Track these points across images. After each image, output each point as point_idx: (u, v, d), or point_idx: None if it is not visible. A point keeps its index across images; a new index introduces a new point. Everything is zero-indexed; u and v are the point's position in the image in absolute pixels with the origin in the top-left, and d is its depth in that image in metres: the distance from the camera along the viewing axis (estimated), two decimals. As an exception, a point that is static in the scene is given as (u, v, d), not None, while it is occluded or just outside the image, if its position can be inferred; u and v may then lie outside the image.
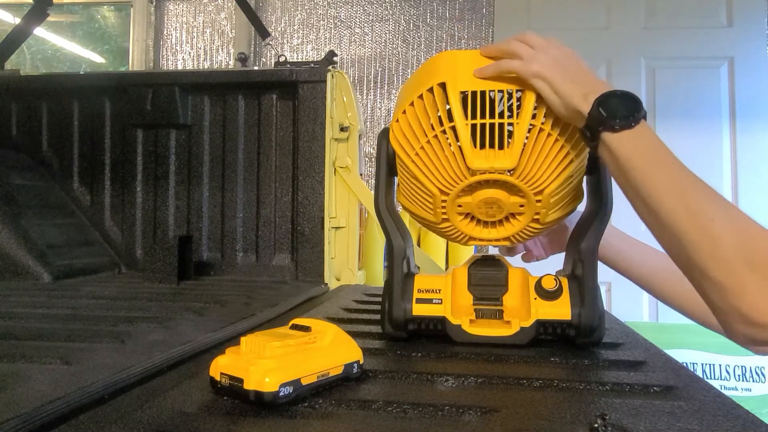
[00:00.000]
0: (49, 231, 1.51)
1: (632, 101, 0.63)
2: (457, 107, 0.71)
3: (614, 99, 0.63)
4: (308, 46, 2.98)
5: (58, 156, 1.71)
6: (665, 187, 0.58)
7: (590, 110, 0.63)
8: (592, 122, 0.63)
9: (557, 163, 0.71)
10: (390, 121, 0.81)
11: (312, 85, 1.54)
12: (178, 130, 1.67)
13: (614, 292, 2.55)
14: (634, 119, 0.61)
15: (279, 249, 1.61)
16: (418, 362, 0.69)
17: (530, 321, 0.75)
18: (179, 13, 3.09)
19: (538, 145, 0.70)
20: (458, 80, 0.72)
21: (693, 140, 2.59)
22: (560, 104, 0.67)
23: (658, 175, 0.59)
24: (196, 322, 0.91)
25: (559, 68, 0.68)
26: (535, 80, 0.69)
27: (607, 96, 0.63)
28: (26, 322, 0.90)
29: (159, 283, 1.38)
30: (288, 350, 0.54)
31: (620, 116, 0.62)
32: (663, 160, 0.60)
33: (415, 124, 0.73)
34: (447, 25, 2.88)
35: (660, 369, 0.67)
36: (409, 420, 0.50)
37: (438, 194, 0.74)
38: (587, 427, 0.48)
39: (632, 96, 0.63)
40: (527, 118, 0.70)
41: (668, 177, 0.59)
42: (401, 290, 0.78)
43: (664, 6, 2.68)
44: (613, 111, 0.62)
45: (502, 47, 0.73)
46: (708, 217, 0.55)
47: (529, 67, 0.69)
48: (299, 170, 1.56)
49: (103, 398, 0.54)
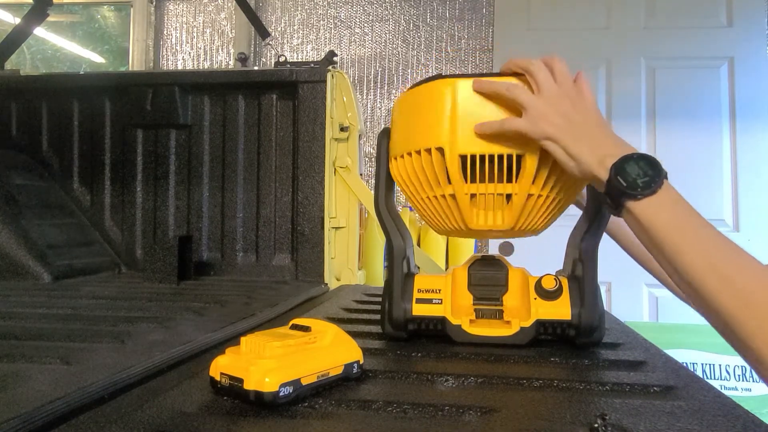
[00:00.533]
0: (49, 231, 1.51)
1: (651, 164, 0.60)
2: (456, 172, 0.71)
3: (631, 164, 0.60)
4: (308, 46, 2.98)
5: (58, 156, 1.72)
6: (694, 254, 0.56)
7: (608, 178, 0.61)
8: (613, 191, 0.60)
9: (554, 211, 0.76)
10: (390, 123, 0.81)
11: (312, 85, 1.54)
12: (178, 130, 1.67)
13: (614, 292, 2.55)
14: (656, 185, 0.58)
15: (279, 249, 1.61)
16: (418, 362, 0.69)
17: (530, 321, 0.75)
18: (179, 13, 3.09)
19: (537, 206, 0.73)
20: (457, 144, 0.71)
21: (693, 140, 2.59)
22: (575, 167, 0.65)
23: (685, 242, 0.56)
24: (196, 322, 0.91)
25: (569, 127, 0.65)
26: (546, 143, 0.66)
27: (624, 161, 0.60)
28: (26, 322, 0.90)
29: (159, 283, 1.38)
30: (288, 350, 0.54)
31: (641, 185, 0.59)
32: (689, 225, 0.57)
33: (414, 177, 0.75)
34: (447, 25, 2.88)
35: (660, 369, 0.67)
36: (409, 420, 0.50)
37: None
38: (587, 427, 0.48)
39: (650, 158, 0.60)
40: (527, 185, 0.71)
41: (696, 243, 0.56)
42: (401, 290, 0.78)
43: (664, 6, 2.68)
44: (633, 179, 0.59)
45: (500, 90, 0.69)
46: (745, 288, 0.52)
47: (537, 128, 0.65)
48: (299, 170, 1.56)
49: (103, 398, 0.54)
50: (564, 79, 0.68)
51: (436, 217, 0.77)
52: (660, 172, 0.59)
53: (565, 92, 0.67)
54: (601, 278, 0.76)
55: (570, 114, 0.66)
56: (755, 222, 2.53)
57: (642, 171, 0.59)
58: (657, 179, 0.59)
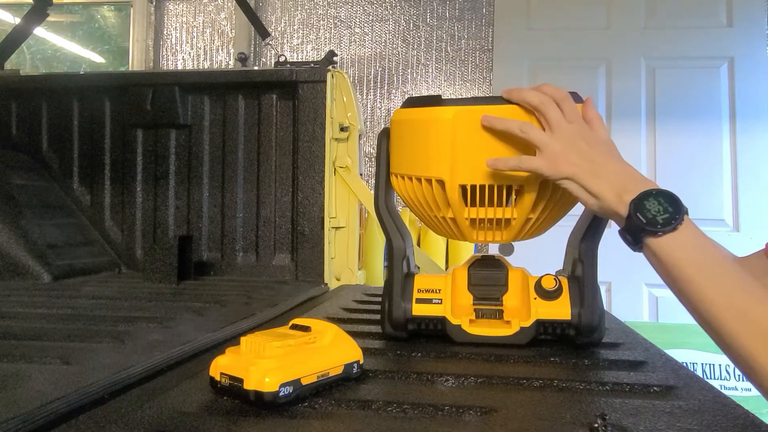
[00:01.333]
0: (49, 231, 1.51)
1: (670, 200, 0.59)
2: (456, 200, 0.73)
3: (651, 200, 0.59)
4: (308, 46, 2.98)
5: (58, 156, 1.71)
6: (714, 292, 0.55)
7: (628, 214, 0.60)
8: (633, 228, 0.60)
9: (553, 222, 0.77)
10: (390, 123, 0.81)
11: (312, 85, 1.54)
12: (178, 130, 1.67)
13: (614, 292, 2.55)
14: (676, 221, 0.58)
15: (279, 249, 1.61)
16: (418, 362, 0.69)
17: (530, 321, 0.75)
18: (179, 13, 3.09)
19: (536, 225, 0.75)
20: (457, 176, 0.71)
21: (693, 140, 2.59)
22: (595, 204, 0.64)
23: (704, 279, 0.56)
24: (196, 322, 0.91)
25: (587, 165, 0.64)
26: (565, 182, 0.65)
27: (643, 197, 0.60)
28: (26, 322, 0.90)
29: (159, 283, 1.38)
30: (288, 350, 0.54)
31: (662, 222, 0.58)
32: (708, 262, 0.57)
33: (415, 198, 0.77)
34: (447, 25, 2.88)
35: (660, 369, 0.67)
36: (409, 420, 0.50)
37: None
38: (587, 427, 0.48)
39: (669, 194, 0.60)
40: (525, 211, 0.72)
41: (716, 280, 0.56)
42: (401, 290, 0.78)
43: (664, 6, 2.68)
44: (653, 216, 0.58)
45: (513, 130, 0.67)
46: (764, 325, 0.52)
47: (556, 169, 0.65)
48: (299, 170, 1.56)
49: (103, 398, 0.54)
50: (575, 116, 0.67)
51: (436, 229, 0.80)
52: (680, 208, 0.59)
53: (579, 130, 0.66)
54: (601, 278, 0.77)
55: (586, 152, 0.65)
56: (755, 222, 2.53)
57: (662, 207, 0.59)
58: (677, 216, 0.58)
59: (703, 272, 0.56)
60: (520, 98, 0.68)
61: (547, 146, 0.65)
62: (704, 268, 0.57)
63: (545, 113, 0.66)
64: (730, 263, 0.57)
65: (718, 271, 0.56)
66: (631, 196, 0.60)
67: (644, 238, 0.59)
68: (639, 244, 0.60)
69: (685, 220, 0.58)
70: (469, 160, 0.70)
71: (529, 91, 0.68)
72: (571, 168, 0.64)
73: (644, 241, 0.59)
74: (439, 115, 0.72)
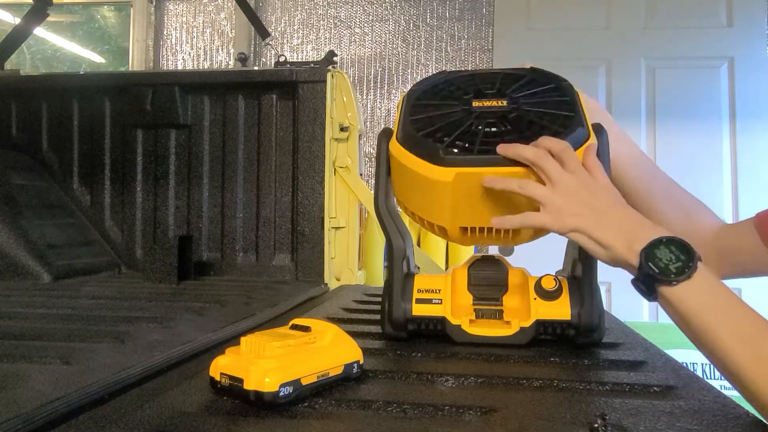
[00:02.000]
0: (49, 231, 1.51)
1: (681, 248, 0.58)
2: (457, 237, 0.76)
3: (661, 248, 0.58)
4: (308, 46, 2.98)
5: (58, 156, 1.71)
6: (731, 339, 0.54)
7: (639, 264, 0.59)
8: (645, 278, 0.59)
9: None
10: (391, 122, 0.81)
11: (312, 85, 1.54)
12: (178, 130, 1.67)
13: (614, 292, 2.55)
14: (690, 270, 0.57)
15: (279, 249, 1.61)
16: (418, 362, 0.69)
17: (530, 321, 0.75)
18: (179, 13, 3.09)
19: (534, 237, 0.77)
20: (457, 221, 0.73)
21: (693, 140, 2.59)
22: (605, 255, 0.63)
23: (721, 326, 0.55)
24: (196, 322, 0.91)
25: (593, 215, 0.63)
26: (572, 234, 0.64)
27: (653, 245, 0.59)
28: (26, 322, 0.90)
29: (159, 283, 1.38)
30: (288, 350, 0.54)
31: (674, 271, 0.57)
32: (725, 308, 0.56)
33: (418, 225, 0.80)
34: (447, 25, 2.88)
35: (660, 369, 0.67)
36: (409, 420, 0.50)
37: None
38: (587, 427, 0.48)
39: (679, 241, 0.59)
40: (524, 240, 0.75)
41: (733, 327, 0.55)
42: (401, 290, 0.78)
43: (664, 6, 2.68)
44: (665, 265, 0.57)
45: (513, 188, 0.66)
46: None
47: (561, 223, 0.64)
48: (299, 170, 1.56)
49: (103, 398, 0.54)
50: (575, 166, 0.66)
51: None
52: (693, 255, 0.58)
53: (580, 180, 0.65)
54: (601, 278, 0.76)
55: (590, 202, 0.64)
56: (755, 222, 2.52)
57: (674, 255, 0.58)
58: (691, 263, 0.57)
59: (721, 320, 0.55)
60: (516, 155, 0.67)
61: (549, 201, 0.64)
62: (719, 314, 0.56)
63: (543, 168, 0.65)
64: (746, 309, 0.56)
65: (736, 318, 0.56)
66: (641, 245, 0.59)
67: (658, 288, 0.58)
68: (653, 294, 0.59)
69: (699, 267, 0.57)
70: (470, 212, 0.71)
71: (524, 147, 0.67)
72: (575, 219, 0.63)
73: (658, 290, 0.58)
74: (439, 177, 0.70)
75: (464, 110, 0.75)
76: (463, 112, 0.75)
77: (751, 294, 2.47)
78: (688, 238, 0.61)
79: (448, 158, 0.70)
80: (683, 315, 0.57)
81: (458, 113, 0.75)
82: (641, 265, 0.59)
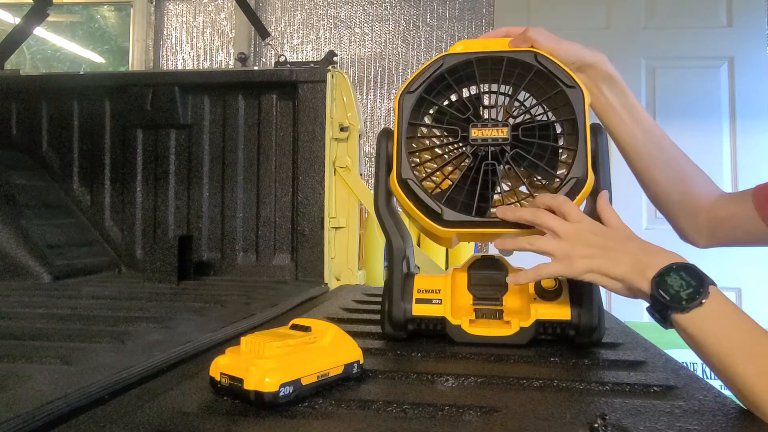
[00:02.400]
0: (49, 231, 1.51)
1: (693, 274, 0.58)
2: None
3: (672, 275, 0.58)
4: (308, 46, 2.98)
5: (58, 156, 1.71)
6: (745, 363, 0.54)
7: (651, 292, 0.59)
8: (658, 305, 0.59)
9: None
10: (391, 122, 0.81)
11: (312, 85, 1.54)
12: (178, 130, 1.67)
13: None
14: (701, 296, 0.56)
15: (279, 249, 1.61)
16: (418, 362, 0.69)
17: (530, 321, 0.75)
18: (179, 13, 3.09)
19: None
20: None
21: (693, 140, 2.58)
22: (623, 288, 0.63)
23: (736, 351, 0.55)
24: (196, 322, 0.91)
25: (604, 253, 0.64)
26: (587, 276, 0.64)
27: (664, 273, 0.59)
28: (26, 322, 0.90)
29: (159, 283, 1.38)
30: (288, 350, 0.54)
31: (685, 298, 0.57)
32: (738, 332, 0.56)
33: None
34: (447, 25, 2.88)
35: (660, 369, 0.67)
36: (409, 420, 0.50)
37: None
38: (587, 427, 0.48)
39: (691, 268, 0.58)
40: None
41: (747, 351, 0.54)
42: (401, 290, 0.78)
43: (664, 6, 2.68)
44: (676, 292, 0.57)
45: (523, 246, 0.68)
46: None
47: (574, 268, 0.64)
48: (299, 170, 1.56)
49: (103, 398, 0.54)
50: (577, 215, 0.67)
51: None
52: (704, 280, 0.57)
53: (585, 226, 0.66)
54: (601, 278, 0.76)
55: (599, 242, 0.65)
56: (755, 222, 2.52)
57: (685, 282, 0.57)
58: (701, 290, 0.57)
59: (733, 342, 0.55)
60: (516, 217, 0.69)
61: (558, 250, 0.65)
62: (733, 338, 0.55)
63: (543, 224, 0.67)
64: (759, 329, 0.56)
65: (748, 339, 0.55)
66: (652, 273, 0.59)
67: (671, 315, 0.58)
68: (667, 322, 0.59)
69: (711, 293, 0.56)
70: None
71: (522, 210, 0.69)
72: (586, 262, 0.64)
73: (671, 318, 0.58)
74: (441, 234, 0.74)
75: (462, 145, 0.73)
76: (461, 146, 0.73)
77: (751, 294, 2.48)
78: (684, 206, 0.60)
79: (447, 220, 0.72)
80: (697, 341, 0.57)
81: (455, 151, 0.74)
82: (653, 292, 0.59)
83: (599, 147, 0.74)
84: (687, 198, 0.80)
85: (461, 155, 0.73)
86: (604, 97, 0.80)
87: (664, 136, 0.82)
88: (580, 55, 0.77)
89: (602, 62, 0.78)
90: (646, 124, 0.81)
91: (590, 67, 0.78)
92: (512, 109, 0.74)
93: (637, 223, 2.44)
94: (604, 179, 0.76)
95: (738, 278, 2.44)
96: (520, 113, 0.73)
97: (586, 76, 0.78)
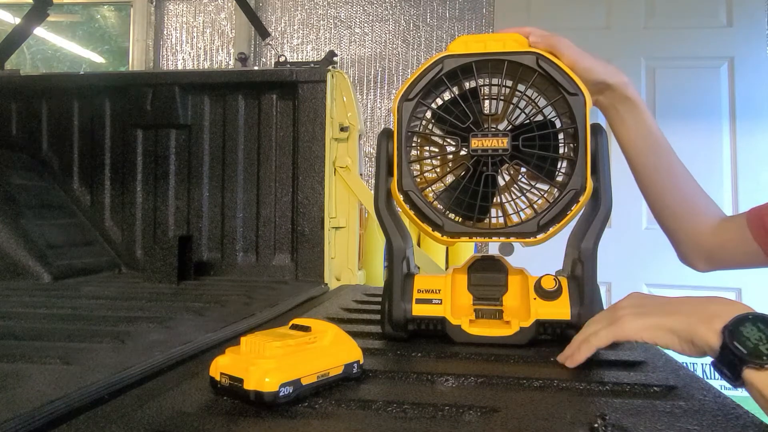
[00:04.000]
0: (49, 231, 1.51)
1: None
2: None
3: (748, 326, 0.51)
4: (308, 46, 2.98)
5: (58, 156, 1.71)
6: None
7: (723, 344, 0.52)
8: (730, 359, 0.51)
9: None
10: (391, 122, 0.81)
11: (312, 85, 1.54)
12: (178, 130, 1.67)
13: (614, 292, 2.55)
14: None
15: (279, 249, 1.61)
16: (418, 362, 0.69)
17: (530, 321, 0.75)
18: (179, 13, 3.09)
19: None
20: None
21: (693, 140, 2.59)
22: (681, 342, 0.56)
23: None
24: (196, 322, 0.91)
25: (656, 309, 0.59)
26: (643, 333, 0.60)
27: (738, 323, 0.52)
28: (26, 322, 0.90)
29: (159, 283, 1.38)
30: (288, 350, 0.54)
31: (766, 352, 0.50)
32: None
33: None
34: (447, 25, 2.88)
35: (660, 369, 0.67)
36: (409, 420, 0.50)
37: None
38: (587, 427, 0.48)
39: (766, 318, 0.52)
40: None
41: None
42: (401, 290, 0.78)
43: (664, 6, 2.68)
44: (755, 345, 0.50)
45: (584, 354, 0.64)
46: None
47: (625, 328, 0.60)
48: (299, 170, 1.56)
49: (103, 398, 0.54)
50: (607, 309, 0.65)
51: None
52: None
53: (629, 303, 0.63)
54: (601, 278, 0.76)
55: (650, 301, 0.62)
56: (755, 222, 2.52)
57: (764, 335, 0.50)
58: None
59: None
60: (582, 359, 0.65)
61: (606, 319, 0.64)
62: None
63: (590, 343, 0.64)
64: None
65: None
66: (722, 322, 0.52)
67: (744, 371, 0.51)
68: (739, 380, 0.52)
69: None
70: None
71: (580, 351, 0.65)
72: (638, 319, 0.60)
73: (744, 375, 0.51)
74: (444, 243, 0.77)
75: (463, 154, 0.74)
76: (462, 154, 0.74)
77: (751, 294, 2.48)
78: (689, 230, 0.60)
79: (448, 230, 0.74)
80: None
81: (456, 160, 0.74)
82: (725, 344, 0.52)
83: (599, 147, 0.74)
84: (693, 223, 0.80)
85: (461, 165, 0.74)
86: (620, 118, 0.79)
87: (677, 161, 0.82)
88: (601, 75, 0.76)
89: (623, 85, 0.77)
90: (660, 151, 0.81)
91: (610, 89, 0.77)
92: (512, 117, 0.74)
93: (637, 223, 2.44)
94: (605, 180, 0.76)
95: (738, 278, 2.45)
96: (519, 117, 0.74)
97: (605, 98, 0.77)
